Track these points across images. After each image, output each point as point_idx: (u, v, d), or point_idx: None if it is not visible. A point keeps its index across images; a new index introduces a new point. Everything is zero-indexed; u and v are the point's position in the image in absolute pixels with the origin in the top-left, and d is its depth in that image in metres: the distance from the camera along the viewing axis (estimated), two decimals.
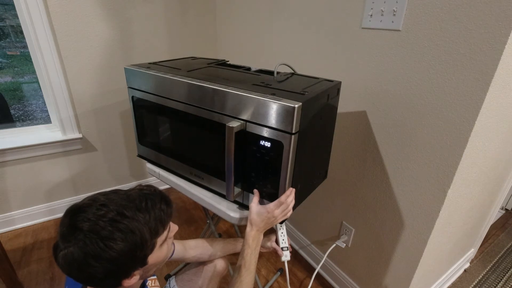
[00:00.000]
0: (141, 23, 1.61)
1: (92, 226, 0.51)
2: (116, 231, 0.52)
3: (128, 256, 0.53)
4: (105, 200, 0.54)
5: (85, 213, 0.52)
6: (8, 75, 1.56)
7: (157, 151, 1.05)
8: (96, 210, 0.52)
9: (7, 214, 1.63)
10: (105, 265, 0.51)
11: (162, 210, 0.59)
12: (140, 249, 0.55)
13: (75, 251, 0.50)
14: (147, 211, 0.56)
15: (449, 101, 0.80)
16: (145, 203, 0.57)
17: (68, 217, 0.53)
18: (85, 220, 0.51)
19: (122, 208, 0.54)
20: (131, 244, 0.53)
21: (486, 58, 0.71)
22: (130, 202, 0.56)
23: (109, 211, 0.53)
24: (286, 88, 0.78)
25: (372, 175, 1.07)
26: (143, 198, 0.57)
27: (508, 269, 1.56)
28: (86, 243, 0.50)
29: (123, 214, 0.53)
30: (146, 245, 0.56)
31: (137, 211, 0.55)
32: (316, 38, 1.15)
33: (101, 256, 0.50)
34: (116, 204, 0.54)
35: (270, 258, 1.55)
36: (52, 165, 1.65)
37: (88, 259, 0.50)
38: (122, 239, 0.52)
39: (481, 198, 1.16)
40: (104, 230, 0.51)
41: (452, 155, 0.83)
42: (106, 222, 0.51)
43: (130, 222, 0.53)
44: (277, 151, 0.72)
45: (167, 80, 0.87)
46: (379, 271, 1.16)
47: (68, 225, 0.52)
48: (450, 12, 0.75)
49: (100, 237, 0.50)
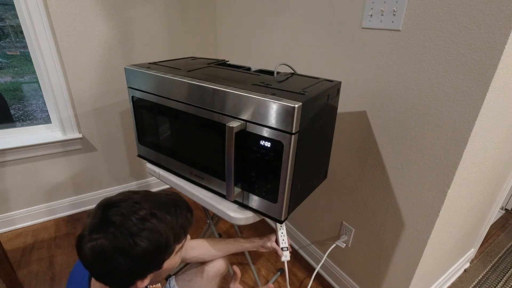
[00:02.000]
0: (141, 23, 1.61)
1: (124, 221, 0.52)
2: (145, 229, 0.53)
3: (150, 256, 0.55)
4: (139, 199, 0.57)
5: (119, 208, 0.54)
6: (8, 75, 1.56)
7: (157, 151, 1.05)
8: (129, 206, 0.55)
9: (7, 214, 1.63)
10: (128, 261, 0.52)
11: (187, 218, 0.62)
12: (163, 251, 0.57)
13: (104, 243, 0.51)
14: (175, 216, 0.59)
15: (449, 101, 0.80)
16: (174, 209, 0.59)
17: (101, 209, 0.54)
18: (118, 214, 0.53)
19: (154, 208, 0.56)
20: (156, 245, 0.55)
21: (486, 58, 0.71)
22: (161, 204, 0.58)
23: (141, 208, 0.55)
24: (286, 88, 0.78)
25: (372, 175, 1.07)
26: (173, 203, 0.60)
27: (508, 269, 1.56)
28: (116, 236, 0.51)
29: (154, 214, 0.56)
30: (168, 248, 0.58)
31: (167, 214, 0.57)
32: (316, 38, 1.15)
33: (128, 251, 0.52)
34: (148, 204, 0.57)
35: (270, 258, 1.55)
36: (52, 165, 1.65)
37: (115, 253, 0.51)
38: (149, 238, 0.53)
39: (481, 198, 1.16)
40: (134, 226, 0.53)
41: (452, 155, 0.83)
42: (138, 219, 0.53)
43: (159, 223, 0.55)
44: (277, 151, 0.72)
45: (167, 80, 0.87)
46: (379, 271, 1.16)
47: (101, 218, 0.53)
48: (450, 12, 0.75)
49: (130, 232, 0.52)
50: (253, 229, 1.74)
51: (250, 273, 1.44)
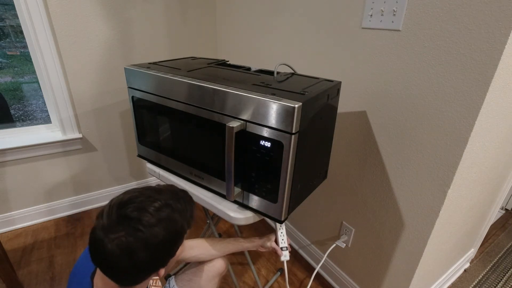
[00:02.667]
0: (141, 23, 1.61)
1: (142, 214, 0.55)
2: (162, 220, 0.57)
3: (169, 244, 0.59)
4: (150, 193, 0.60)
5: (134, 203, 0.57)
6: (8, 75, 1.56)
7: (157, 151, 1.05)
8: (143, 200, 0.58)
9: (7, 214, 1.63)
10: (152, 251, 0.56)
11: (193, 207, 0.68)
12: (179, 238, 0.62)
13: (129, 239, 0.53)
14: (185, 204, 0.64)
15: (449, 101, 0.80)
16: (183, 199, 0.64)
17: (116, 207, 0.56)
18: (134, 210, 0.56)
19: (166, 199, 0.60)
20: (174, 232, 0.59)
21: (486, 58, 0.71)
22: (172, 196, 0.62)
23: (155, 200, 0.59)
24: (286, 88, 0.78)
25: (372, 175, 1.07)
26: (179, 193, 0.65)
27: (508, 269, 1.56)
28: (139, 229, 0.54)
29: (168, 204, 0.60)
30: (183, 235, 0.63)
31: (178, 204, 0.62)
32: (316, 38, 1.15)
33: (151, 242, 0.55)
34: (160, 196, 0.60)
35: (270, 258, 1.55)
36: (52, 165, 1.65)
37: (138, 244, 0.54)
38: (166, 227, 0.57)
39: (481, 198, 1.16)
40: (153, 218, 0.56)
41: (452, 155, 0.83)
42: (154, 211, 0.57)
43: (173, 212, 0.60)
44: (277, 151, 0.72)
45: (167, 80, 0.87)
46: (379, 271, 1.16)
47: (118, 215, 0.55)
48: (450, 12, 0.75)
49: (149, 224, 0.55)
50: (253, 229, 1.74)
51: (250, 273, 1.44)
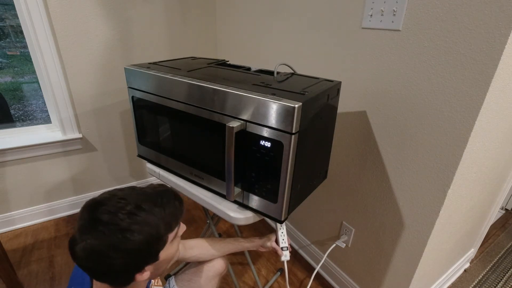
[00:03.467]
0: (141, 23, 1.61)
1: (112, 217, 0.53)
2: (134, 223, 0.54)
3: (143, 249, 0.55)
4: (124, 195, 0.57)
5: (105, 206, 0.54)
6: (8, 75, 1.56)
7: (157, 151, 1.05)
8: (115, 202, 0.55)
9: (7, 214, 1.63)
10: (122, 256, 0.53)
11: (176, 206, 0.62)
12: (155, 242, 0.57)
13: (95, 242, 0.51)
14: (163, 206, 0.59)
15: (449, 101, 0.80)
16: (160, 199, 0.60)
17: (88, 210, 0.54)
18: (105, 212, 0.53)
19: (140, 201, 0.57)
20: (147, 236, 0.55)
21: (486, 58, 0.71)
22: (147, 197, 0.59)
23: (127, 203, 0.55)
24: (286, 88, 0.78)
25: (372, 175, 1.07)
26: (159, 194, 0.61)
27: (508, 269, 1.56)
28: (105, 234, 0.52)
29: (140, 207, 0.56)
30: (160, 239, 0.58)
31: (154, 206, 0.58)
32: (316, 38, 1.15)
33: (120, 247, 0.52)
34: (134, 198, 0.57)
35: (270, 258, 1.55)
36: (52, 165, 1.65)
37: (108, 250, 0.52)
38: (139, 231, 0.54)
39: (481, 198, 1.16)
40: (123, 221, 0.53)
41: (452, 155, 0.83)
42: (125, 214, 0.54)
43: (147, 215, 0.56)
44: (277, 151, 0.72)
45: (167, 80, 0.87)
46: (379, 271, 1.16)
47: (88, 218, 0.53)
48: (450, 12, 0.75)
49: (119, 228, 0.52)
50: (253, 229, 1.74)
51: (250, 273, 1.44)
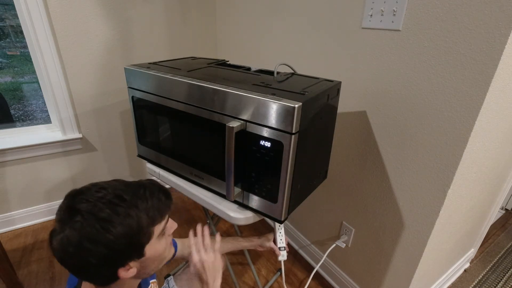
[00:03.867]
0: (141, 23, 1.61)
1: (91, 207, 0.50)
2: (113, 214, 0.51)
3: (124, 241, 0.52)
4: (105, 184, 0.54)
5: (83, 195, 0.51)
6: (8, 75, 1.56)
7: (157, 151, 1.05)
8: (95, 192, 0.52)
9: (7, 214, 1.63)
10: (100, 249, 0.50)
11: (160, 199, 0.59)
12: (137, 235, 0.54)
13: (71, 233, 0.48)
14: (145, 199, 0.56)
15: (449, 101, 0.80)
16: (143, 191, 0.57)
17: (67, 200, 0.52)
18: (83, 201, 0.50)
19: (121, 192, 0.54)
20: (127, 228, 0.52)
21: (486, 58, 0.71)
22: (129, 188, 0.56)
23: (107, 193, 0.52)
24: (286, 88, 0.78)
25: (372, 175, 1.07)
26: (142, 186, 0.58)
27: (508, 269, 1.56)
28: (83, 224, 0.49)
29: (121, 197, 0.53)
30: (142, 232, 0.54)
31: (135, 197, 0.55)
32: (316, 38, 1.15)
33: (97, 239, 0.49)
34: (115, 188, 0.54)
35: (270, 258, 1.55)
36: (52, 165, 1.65)
37: (84, 242, 0.49)
38: (119, 222, 0.51)
39: (481, 198, 1.16)
40: (102, 212, 0.50)
41: (452, 155, 0.83)
42: (105, 204, 0.51)
43: (128, 206, 0.53)
44: (277, 151, 0.72)
45: (167, 80, 0.87)
46: (379, 271, 1.16)
47: (66, 208, 0.51)
48: (450, 12, 0.75)
49: (97, 218, 0.49)
50: (253, 228, 1.74)
51: (250, 273, 1.44)
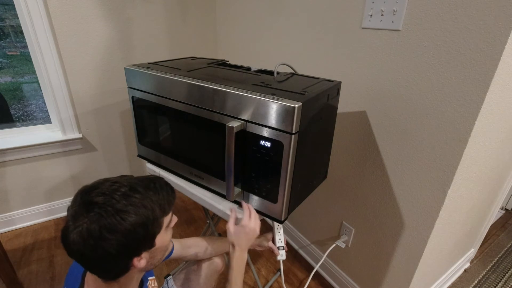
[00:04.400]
0: (141, 23, 1.61)
1: (107, 199, 0.52)
2: (130, 205, 0.53)
3: (140, 230, 0.54)
4: (116, 179, 0.57)
5: (98, 189, 0.54)
6: (8, 75, 1.56)
7: (157, 151, 1.05)
8: (109, 185, 0.55)
9: (7, 214, 1.63)
10: (120, 238, 0.52)
11: (168, 192, 0.62)
12: (152, 224, 0.57)
13: (91, 226, 0.50)
14: (156, 191, 0.59)
15: (449, 101, 0.80)
16: (153, 184, 0.60)
17: (80, 195, 0.54)
18: (99, 195, 0.53)
19: (134, 184, 0.57)
20: (143, 218, 0.55)
21: (486, 58, 0.71)
22: (140, 181, 0.59)
23: (122, 186, 0.55)
24: (286, 88, 0.78)
25: (372, 175, 1.07)
26: (151, 180, 0.61)
27: (508, 269, 1.56)
28: (102, 215, 0.51)
29: (136, 189, 0.56)
30: (156, 222, 0.58)
31: (148, 189, 0.58)
32: (316, 38, 1.15)
33: (117, 228, 0.51)
34: (128, 181, 0.57)
35: (270, 258, 1.55)
36: (52, 165, 1.65)
37: (104, 232, 0.51)
38: (136, 212, 0.54)
39: (481, 198, 1.16)
40: (118, 203, 0.53)
41: (452, 155, 0.83)
42: (120, 196, 0.53)
43: (142, 197, 0.56)
44: (277, 151, 0.72)
45: (167, 80, 0.87)
46: (379, 271, 1.16)
47: (81, 202, 0.53)
48: (450, 12, 0.75)
49: (115, 209, 0.52)
50: None
51: (250, 273, 1.44)
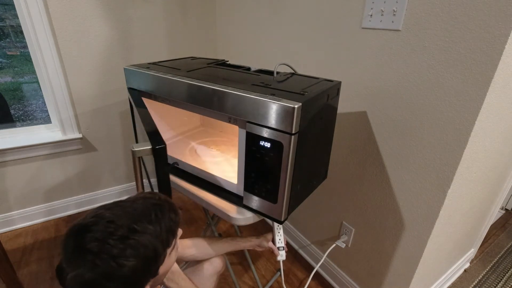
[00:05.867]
0: (141, 23, 1.60)
1: (102, 246, 0.47)
2: (128, 248, 0.49)
3: (141, 271, 0.51)
4: (112, 216, 0.51)
5: (92, 233, 0.48)
6: (8, 75, 1.56)
7: None
8: (103, 227, 0.49)
9: (7, 214, 1.63)
10: (118, 283, 0.48)
11: (171, 219, 0.57)
12: (154, 262, 0.53)
13: (85, 273, 0.46)
14: (158, 223, 0.54)
15: (449, 101, 0.80)
16: (154, 215, 0.54)
17: (73, 238, 0.49)
18: (93, 240, 0.47)
19: (131, 223, 0.51)
20: (144, 259, 0.51)
21: (486, 58, 0.71)
22: (139, 215, 0.53)
23: (118, 227, 0.49)
24: (286, 88, 0.78)
25: (372, 175, 1.07)
26: (152, 209, 0.55)
27: (508, 269, 1.56)
28: (96, 263, 0.47)
29: (133, 229, 0.50)
30: (159, 257, 0.54)
31: (148, 224, 0.52)
32: (316, 38, 1.15)
33: (114, 275, 0.48)
34: (124, 219, 0.51)
35: (270, 258, 1.55)
36: (52, 165, 1.65)
37: (100, 279, 0.47)
38: (135, 255, 0.49)
39: (481, 198, 1.16)
40: (114, 248, 0.48)
41: (452, 155, 0.83)
42: (116, 240, 0.48)
43: (141, 237, 0.51)
44: (277, 151, 0.72)
45: (166, 80, 0.87)
46: (379, 271, 1.16)
47: (74, 247, 0.48)
48: (450, 12, 0.75)
49: (111, 256, 0.47)
50: (253, 228, 1.74)
51: (250, 273, 1.44)
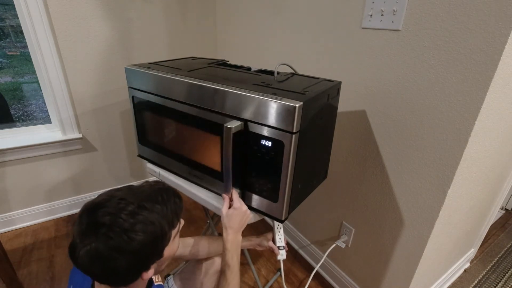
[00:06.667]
0: (141, 23, 1.61)
1: (114, 219, 0.51)
2: (138, 223, 0.53)
3: (149, 248, 0.54)
4: (123, 195, 0.56)
5: (105, 208, 0.52)
6: (8, 75, 1.56)
7: (157, 151, 1.05)
8: (115, 204, 0.53)
9: (7, 214, 1.63)
10: (128, 257, 0.52)
11: (176, 203, 0.61)
12: (160, 240, 0.57)
13: (99, 246, 0.50)
14: (164, 204, 0.58)
15: (449, 101, 0.80)
16: (161, 197, 0.59)
17: (86, 214, 0.53)
18: (106, 214, 0.52)
19: (140, 200, 0.55)
20: (152, 235, 0.54)
21: (486, 58, 0.71)
22: (147, 196, 0.58)
23: (128, 203, 0.54)
24: (287, 88, 0.78)
25: (372, 175, 1.07)
26: (158, 192, 0.60)
27: (508, 269, 1.56)
28: (110, 236, 0.50)
29: (143, 206, 0.55)
30: (164, 236, 0.57)
31: (155, 204, 0.57)
32: (316, 38, 1.15)
33: (125, 248, 0.51)
34: (134, 198, 0.56)
35: (270, 258, 1.55)
36: (52, 165, 1.65)
37: (112, 253, 0.50)
38: (144, 230, 0.53)
39: (481, 198, 1.16)
40: (126, 222, 0.52)
41: (452, 155, 0.83)
42: (127, 215, 0.52)
43: (149, 214, 0.55)
44: (277, 150, 0.72)
45: (167, 80, 0.87)
46: (379, 271, 1.16)
47: (88, 222, 0.52)
48: (450, 12, 0.75)
49: (123, 229, 0.51)
50: (253, 228, 1.74)
51: (250, 273, 1.44)
